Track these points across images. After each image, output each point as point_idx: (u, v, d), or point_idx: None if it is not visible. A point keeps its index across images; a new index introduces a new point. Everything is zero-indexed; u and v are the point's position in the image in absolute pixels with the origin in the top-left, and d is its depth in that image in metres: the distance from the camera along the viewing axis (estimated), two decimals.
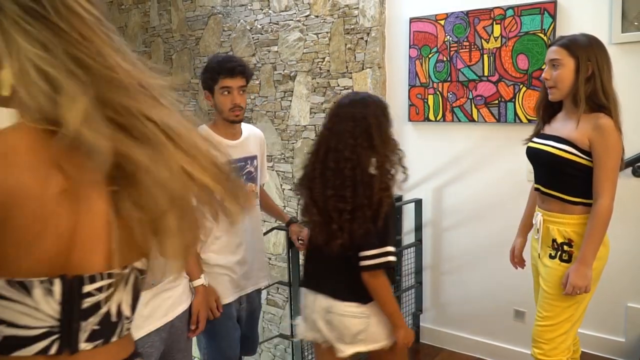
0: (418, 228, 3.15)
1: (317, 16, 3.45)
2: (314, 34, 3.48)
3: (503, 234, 2.17)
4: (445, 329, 3.16)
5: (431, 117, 3.06)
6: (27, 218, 0.68)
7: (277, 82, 3.72)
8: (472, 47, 2.86)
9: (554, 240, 1.87)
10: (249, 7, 3.83)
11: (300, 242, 2.29)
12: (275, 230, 3.17)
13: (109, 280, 0.76)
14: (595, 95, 1.74)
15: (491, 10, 2.77)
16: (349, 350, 1.83)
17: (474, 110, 2.89)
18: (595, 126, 1.74)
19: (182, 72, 4.42)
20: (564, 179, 1.85)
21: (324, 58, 3.45)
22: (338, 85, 3.40)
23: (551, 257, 1.89)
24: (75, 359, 0.75)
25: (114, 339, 0.80)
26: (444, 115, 3.00)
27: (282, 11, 3.63)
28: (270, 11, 3.71)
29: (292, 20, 3.58)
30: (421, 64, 3.05)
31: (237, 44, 3.96)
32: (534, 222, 1.98)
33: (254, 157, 2.12)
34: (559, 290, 1.85)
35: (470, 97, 2.89)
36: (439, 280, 3.17)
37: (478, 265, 2.98)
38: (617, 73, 2.49)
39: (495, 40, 2.78)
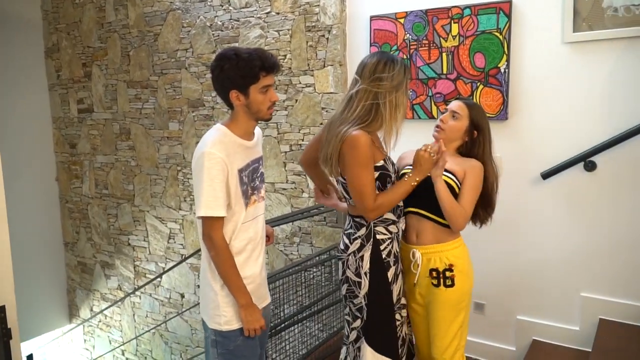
0: None
1: (278, 13, 3.43)
2: (275, 31, 3.46)
3: (467, 229, 2.21)
4: None
5: None
6: None
7: None
8: (432, 45, 2.91)
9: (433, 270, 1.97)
10: (208, 3, 3.78)
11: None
12: None
13: None
14: None
15: (449, 9, 2.82)
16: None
17: (434, 108, 2.94)
18: None
19: (140, 69, 4.32)
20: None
21: (285, 55, 3.43)
22: (300, 83, 3.39)
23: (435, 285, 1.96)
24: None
25: None
26: None
27: (243, 8, 3.60)
28: (230, 7, 3.66)
29: (252, 17, 3.55)
30: None
31: (197, 41, 3.90)
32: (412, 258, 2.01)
33: (261, 157, 2.00)
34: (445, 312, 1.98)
35: (430, 94, 2.94)
36: None
37: None
38: (569, 72, 2.59)
39: (454, 39, 2.83)
